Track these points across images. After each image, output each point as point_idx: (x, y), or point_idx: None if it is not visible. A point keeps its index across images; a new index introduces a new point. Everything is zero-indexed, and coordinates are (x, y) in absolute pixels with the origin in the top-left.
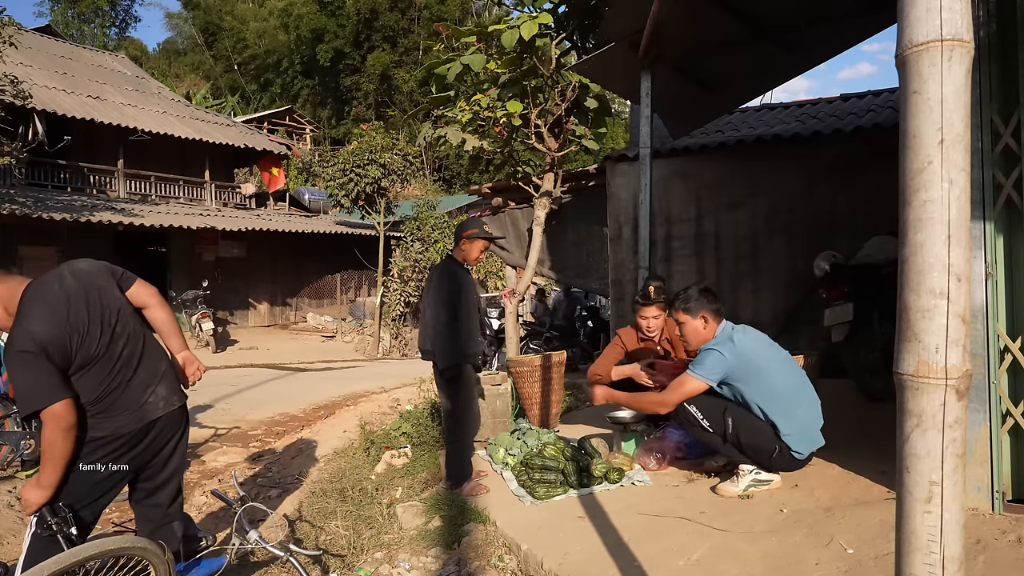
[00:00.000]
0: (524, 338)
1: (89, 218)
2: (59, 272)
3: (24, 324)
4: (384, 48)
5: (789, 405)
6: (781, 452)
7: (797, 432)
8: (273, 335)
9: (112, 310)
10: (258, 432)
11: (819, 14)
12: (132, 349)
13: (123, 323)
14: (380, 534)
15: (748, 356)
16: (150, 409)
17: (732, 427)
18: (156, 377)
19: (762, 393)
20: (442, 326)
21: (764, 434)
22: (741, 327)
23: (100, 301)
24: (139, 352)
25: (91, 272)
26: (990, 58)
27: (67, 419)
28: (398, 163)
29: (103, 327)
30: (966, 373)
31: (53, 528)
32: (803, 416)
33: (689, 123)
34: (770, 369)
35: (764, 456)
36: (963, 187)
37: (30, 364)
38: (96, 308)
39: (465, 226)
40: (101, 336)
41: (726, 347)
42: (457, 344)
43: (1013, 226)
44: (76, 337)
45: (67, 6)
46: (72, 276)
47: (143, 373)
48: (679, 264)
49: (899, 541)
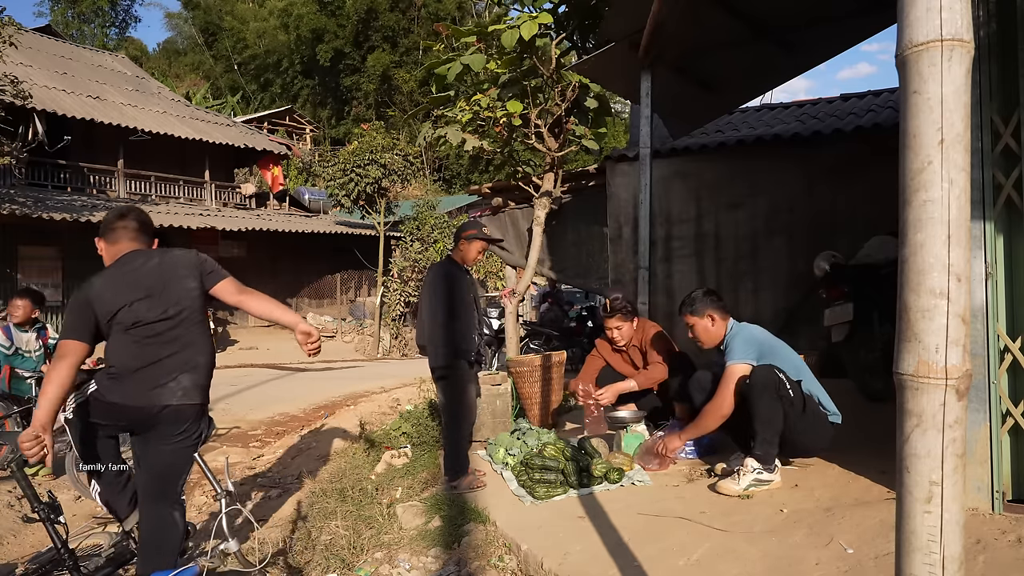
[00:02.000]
0: (524, 338)
1: (89, 218)
2: (153, 252)
3: (95, 277)
4: (384, 48)
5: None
6: (825, 422)
7: (827, 399)
8: (273, 335)
9: (174, 297)
10: (258, 432)
11: (819, 14)
12: (177, 335)
13: (180, 310)
14: (380, 534)
15: (764, 343)
16: (166, 394)
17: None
18: (186, 368)
19: (791, 367)
20: (436, 326)
21: (816, 407)
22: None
23: (166, 285)
24: (183, 340)
25: (176, 261)
26: (990, 58)
27: (71, 356)
28: (398, 163)
29: (156, 305)
30: (966, 373)
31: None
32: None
33: (689, 123)
34: (785, 353)
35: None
36: (963, 187)
37: (75, 307)
38: (158, 288)
39: (464, 227)
40: (149, 311)
41: (746, 330)
42: (450, 343)
43: (1013, 226)
44: (122, 301)
45: (67, 6)
46: (158, 257)
47: (176, 360)
48: (679, 264)
49: (899, 541)
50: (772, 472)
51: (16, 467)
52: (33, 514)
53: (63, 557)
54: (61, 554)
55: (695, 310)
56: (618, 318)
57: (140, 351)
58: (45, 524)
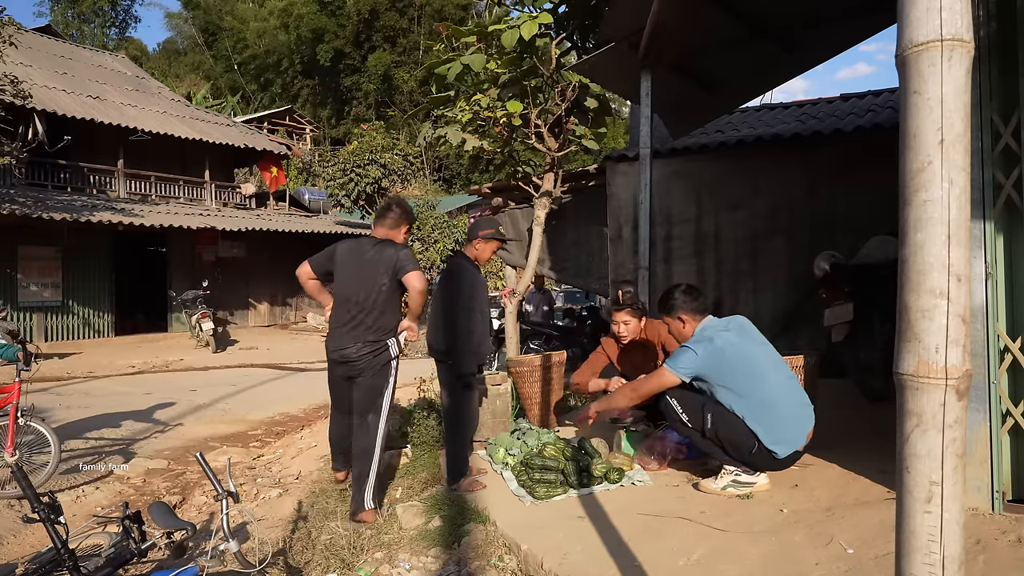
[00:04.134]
0: (524, 338)
1: (89, 218)
2: (370, 240)
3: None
4: (384, 48)
5: (765, 404)
6: (760, 449)
7: (772, 431)
8: (273, 335)
9: (370, 276)
10: (258, 432)
11: (819, 14)
12: (364, 304)
13: (371, 287)
14: (380, 534)
15: (726, 354)
16: (348, 345)
17: (711, 423)
18: (361, 329)
19: (738, 389)
20: (463, 331)
21: (741, 431)
22: (727, 321)
23: (366, 266)
24: (367, 309)
25: (382, 256)
26: (990, 58)
27: (302, 276)
28: (398, 163)
29: (353, 275)
30: (966, 373)
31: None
32: (778, 416)
33: (689, 123)
34: (750, 368)
35: (744, 452)
36: (963, 187)
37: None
38: (361, 265)
39: (480, 225)
40: (347, 278)
41: (701, 345)
42: (477, 349)
43: (1013, 226)
44: (332, 267)
45: (67, 6)
46: (368, 246)
47: (356, 324)
48: (679, 264)
49: (899, 541)
50: (752, 475)
51: (16, 467)
52: (33, 514)
53: (63, 557)
54: (61, 554)
55: (668, 309)
56: (628, 312)
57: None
58: (45, 524)
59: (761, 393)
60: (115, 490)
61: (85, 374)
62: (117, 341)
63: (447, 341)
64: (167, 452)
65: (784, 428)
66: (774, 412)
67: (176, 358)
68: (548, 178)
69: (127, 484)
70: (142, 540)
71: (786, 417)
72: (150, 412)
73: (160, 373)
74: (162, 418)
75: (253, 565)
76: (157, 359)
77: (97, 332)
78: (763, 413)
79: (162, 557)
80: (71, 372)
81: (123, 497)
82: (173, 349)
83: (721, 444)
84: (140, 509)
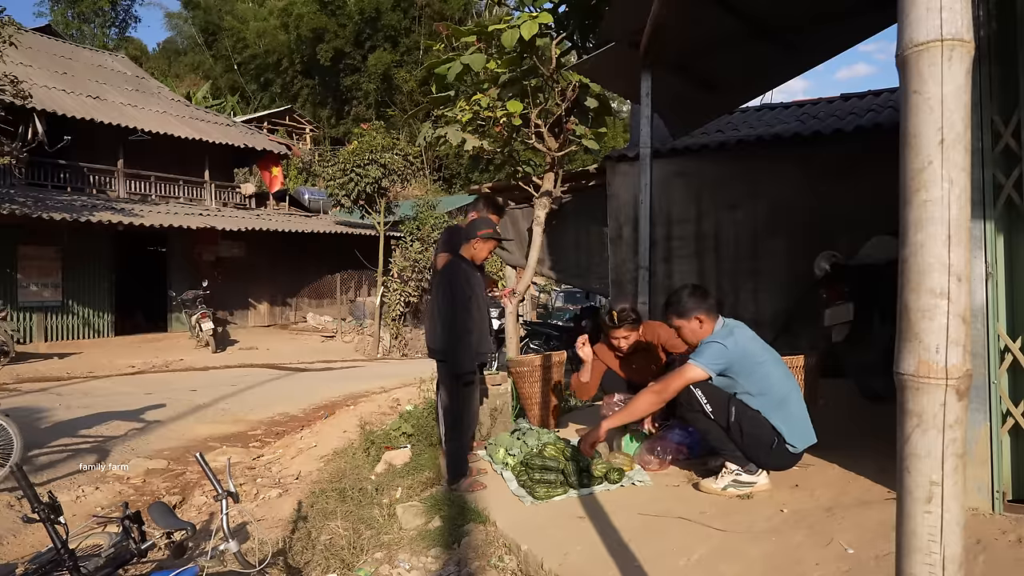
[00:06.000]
0: (524, 338)
1: (89, 218)
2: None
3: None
4: (385, 48)
5: (782, 400)
6: (779, 444)
7: (790, 426)
8: (273, 335)
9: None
10: (258, 432)
11: (819, 14)
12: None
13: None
14: (380, 534)
15: (747, 350)
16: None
17: (735, 416)
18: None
19: (758, 387)
20: (460, 331)
21: (763, 426)
22: (733, 322)
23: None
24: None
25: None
26: (990, 58)
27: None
28: (398, 163)
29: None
30: (966, 373)
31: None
32: (795, 411)
33: (689, 123)
34: (765, 364)
35: (763, 447)
36: (963, 187)
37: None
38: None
39: (478, 225)
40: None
41: (728, 340)
42: (477, 348)
43: (1013, 226)
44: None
45: (67, 6)
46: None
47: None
48: (679, 264)
49: (899, 541)
50: (754, 475)
51: (16, 467)
52: (33, 514)
53: (63, 557)
54: (61, 554)
55: (682, 312)
56: (625, 329)
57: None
58: (45, 524)
59: (778, 390)
60: (115, 490)
61: (85, 374)
62: (117, 341)
63: (444, 341)
64: (167, 452)
65: (800, 421)
66: (790, 409)
67: (176, 358)
68: (548, 178)
69: (127, 484)
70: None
71: (800, 414)
72: (150, 412)
73: (160, 373)
74: (162, 418)
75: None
76: (157, 359)
77: (97, 332)
78: (781, 410)
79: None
80: (71, 372)
81: (123, 497)
82: (173, 349)
83: (742, 438)
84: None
